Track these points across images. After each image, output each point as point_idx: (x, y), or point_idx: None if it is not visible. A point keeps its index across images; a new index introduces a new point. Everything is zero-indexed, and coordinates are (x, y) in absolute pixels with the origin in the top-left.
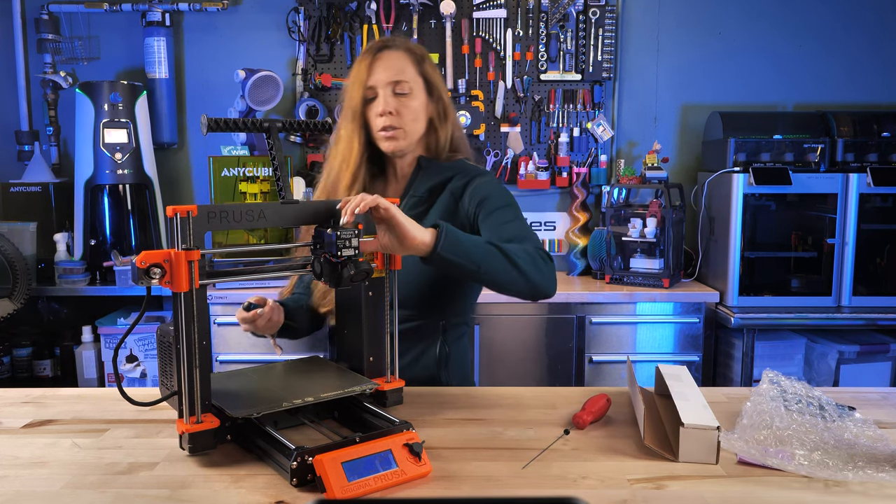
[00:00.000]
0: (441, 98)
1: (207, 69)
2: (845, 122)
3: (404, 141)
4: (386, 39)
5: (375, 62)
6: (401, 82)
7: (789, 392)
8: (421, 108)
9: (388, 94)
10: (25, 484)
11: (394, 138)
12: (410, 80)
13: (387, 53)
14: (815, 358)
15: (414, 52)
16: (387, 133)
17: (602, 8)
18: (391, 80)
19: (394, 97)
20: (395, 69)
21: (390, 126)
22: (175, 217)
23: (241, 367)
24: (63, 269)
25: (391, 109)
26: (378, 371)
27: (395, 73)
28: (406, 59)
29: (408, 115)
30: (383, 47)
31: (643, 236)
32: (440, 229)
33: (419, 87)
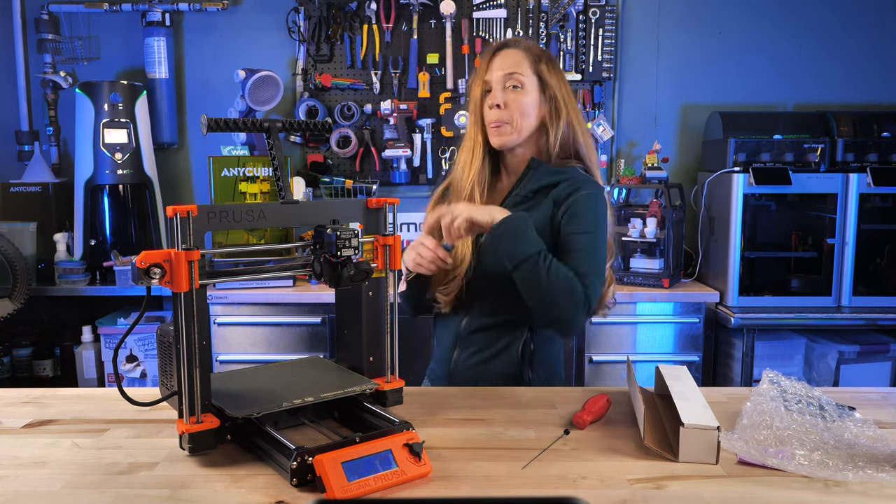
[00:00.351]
0: (555, 98)
1: (207, 69)
2: (845, 122)
3: (512, 136)
4: (508, 39)
5: (494, 58)
6: (513, 75)
7: (789, 392)
8: (532, 105)
9: (499, 88)
10: (25, 484)
11: (502, 132)
12: (524, 76)
13: (505, 51)
14: (815, 358)
15: (532, 50)
16: (495, 127)
17: (602, 8)
18: (505, 73)
19: (504, 91)
20: (509, 64)
21: (499, 120)
22: (175, 217)
23: (241, 367)
24: (63, 269)
25: (500, 102)
26: (378, 371)
27: (509, 67)
28: (522, 56)
29: (516, 110)
30: (503, 45)
31: (643, 236)
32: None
33: (532, 84)
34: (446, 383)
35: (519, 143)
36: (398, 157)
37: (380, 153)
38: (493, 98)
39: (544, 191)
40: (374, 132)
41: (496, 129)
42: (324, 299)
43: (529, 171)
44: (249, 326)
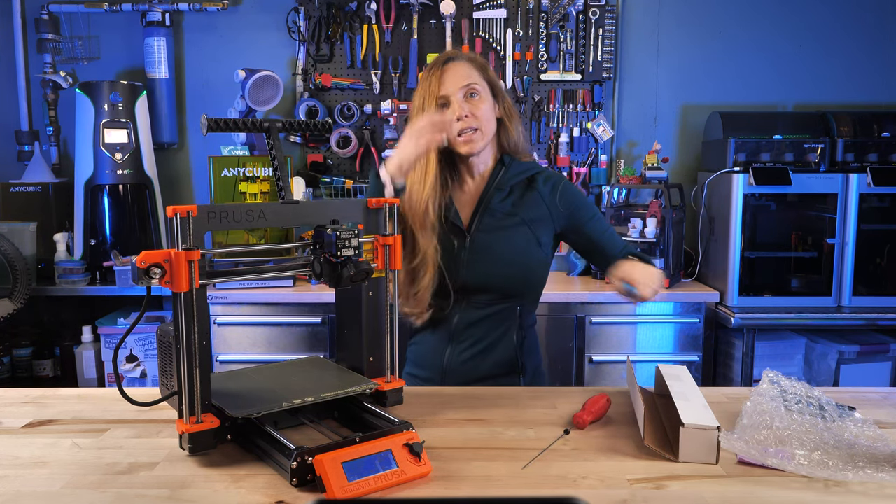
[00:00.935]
0: (506, 99)
1: (207, 69)
2: (845, 122)
3: (481, 141)
4: (448, 53)
5: (444, 73)
6: (471, 85)
7: (789, 392)
8: (490, 110)
9: (460, 100)
10: (25, 484)
11: (471, 140)
12: (478, 84)
13: (453, 65)
14: (815, 358)
15: (476, 60)
16: (464, 137)
17: (602, 8)
18: (463, 86)
19: (466, 101)
20: (464, 76)
21: (468, 128)
22: (175, 217)
23: (241, 367)
24: (63, 269)
25: (466, 113)
26: (378, 371)
27: (464, 79)
28: (471, 67)
29: (482, 116)
30: (448, 60)
31: (643, 236)
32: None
33: (486, 91)
34: (438, 381)
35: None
36: None
37: (380, 153)
38: (456, 110)
39: (522, 184)
40: (374, 132)
41: (465, 138)
42: (324, 299)
43: (503, 168)
44: (249, 326)
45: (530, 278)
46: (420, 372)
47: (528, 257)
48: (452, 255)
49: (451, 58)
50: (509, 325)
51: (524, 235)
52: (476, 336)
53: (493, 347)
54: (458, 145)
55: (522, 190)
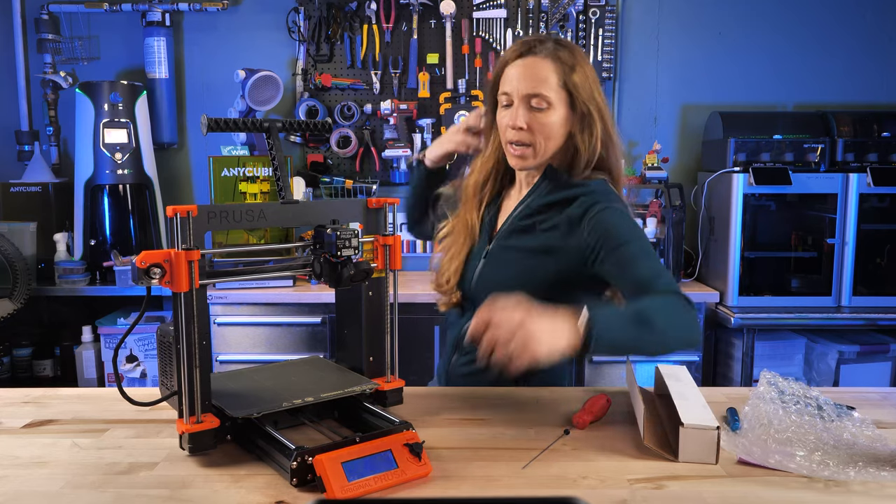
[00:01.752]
0: (587, 112)
1: (207, 69)
2: (845, 122)
3: (533, 160)
4: (533, 40)
5: (516, 66)
6: (538, 96)
7: (787, 393)
8: (559, 124)
9: (522, 107)
10: (25, 484)
11: (522, 156)
12: (551, 94)
13: (531, 60)
14: (815, 358)
15: (562, 58)
16: (515, 149)
17: (602, 8)
18: (527, 93)
19: (528, 111)
20: (535, 79)
21: (520, 142)
22: (175, 217)
23: (241, 367)
24: (63, 269)
25: (522, 124)
26: (378, 371)
27: (534, 84)
28: (550, 67)
29: (541, 132)
30: (528, 51)
31: None
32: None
33: (560, 101)
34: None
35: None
36: (398, 157)
37: (380, 153)
38: (513, 118)
39: (558, 206)
40: (374, 132)
41: (515, 152)
42: (324, 299)
43: (543, 182)
44: (249, 326)
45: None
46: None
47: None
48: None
49: (531, 50)
50: None
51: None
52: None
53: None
54: (508, 155)
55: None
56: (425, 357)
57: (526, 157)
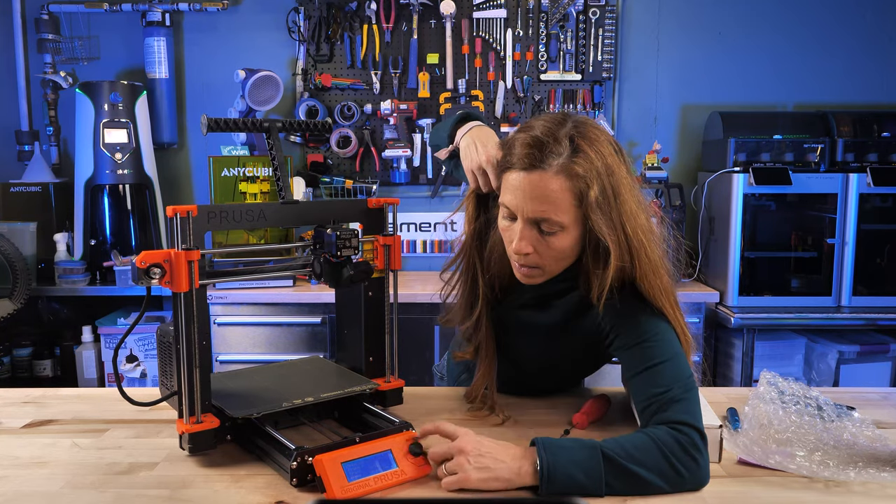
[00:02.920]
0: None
1: (207, 69)
2: (845, 122)
3: (541, 278)
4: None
5: (521, 181)
6: (548, 221)
7: (787, 393)
8: (571, 246)
9: (527, 228)
10: (25, 484)
11: (529, 276)
12: (563, 218)
13: (538, 176)
14: (815, 358)
15: (578, 175)
16: (521, 268)
17: (602, 8)
18: (533, 217)
19: (536, 233)
20: (543, 202)
21: (526, 264)
22: (175, 217)
23: (241, 367)
24: (63, 269)
25: (528, 250)
26: (378, 371)
27: (540, 207)
28: (561, 186)
29: (549, 255)
30: (534, 165)
31: None
32: (540, 474)
33: (573, 222)
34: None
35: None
36: (398, 157)
37: (380, 153)
38: (518, 242)
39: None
40: (374, 132)
41: (522, 271)
42: (324, 299)
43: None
44: (249, 326)
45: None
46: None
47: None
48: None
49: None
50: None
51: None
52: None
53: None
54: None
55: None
56: (425, 357)
57: (534, 276)
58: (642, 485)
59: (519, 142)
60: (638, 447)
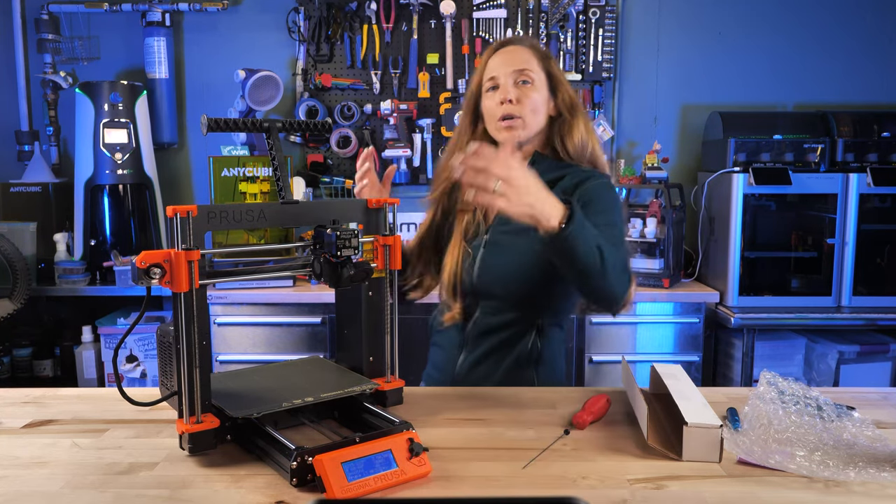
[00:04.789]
0: (568, 95)
1: (207, 69)
2: (845, 122)
3: (522, 131)
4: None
5: (498, 55)
6: (524, 71)
7: (787, 393)
8: (542, 101)
9: (509, 83)
10: (25, 484)
11: (512, 128)
12: (533, 72)
13: (512, 47)
14: (815, 358)
15: (537, 48)
16: (505, 122)
17: (602, 8)
18: (514, 69)
19: (515, 86)
20: (519, 60)
21: (509, 115)
22: (175, 217)
23: (241, 367)
24: (63, 269)
25: (512, 98)
26: (378, 371)
27: (517, 62)
28: (530, 53)
29: (528, 105)
30: (507, 42)
31: (643, 236)
32: (571, 208)
33: (541, 81)
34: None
35: (525, 141)
36: (398, 157)
37: (380, 153)
38: (503, 93)
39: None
40: (374, 132)
41: (505, 125)
42: (324, 299)
43: (533, 166)
44: (249, 326)
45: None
46: (436, 374)
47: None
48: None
49: (511, 41)
50: (523, 337)
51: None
52: (489, 345)
53: (505, 358)
54: (497, 131)
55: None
56: (425, 357)
57: (515, 127)
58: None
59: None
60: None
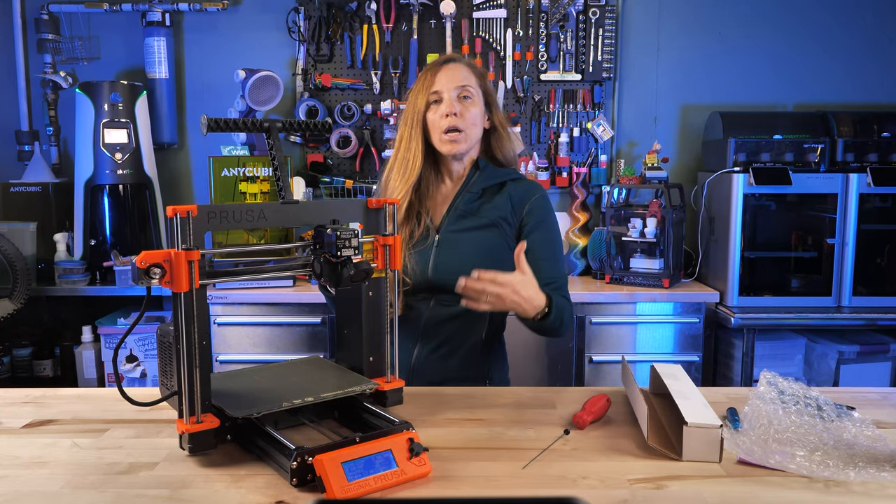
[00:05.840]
0: (498, 112)
1: (207, 69)
2: (845, 122)
3: (465, 144)
4: (450, 54)
5: (441, 71)
6: (465, 87)
7: (787, 393)
8: (479, 116)
9: (452, 98)
10: (25, 484)
11: (455, 141)
12: (472, 88)
13: (452, 65)
14: (815, 358)
15: (475, 67)
16: (450, 135)
17: (602, 8)
18: (457, 86)
19: (458, 101)
20: (459, 76)
21: (454, 127)
22: (175, 217)
23: (241, 367)
24: (63, 269)
25: (455, 111)
26: (378, 371)
27: (459, 79)
28: (469, 71)
29: (469, 119)
30: (449, 60)
31: (643, 236)
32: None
33: (479, 97)
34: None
35: (466, 151)
36: None
37: (380, 153)
38: (447, 107)
39: (494, 188)
40: (374, 132)
41: (450, 137)
42: (324, 299)
43: (477, 172)
44: (249, 326)
45: None
46: None
47: (494, 257)
48: (422, 252)
49: (453, 59)
50: (477, 328)
51: (492, 237)
52: (443, 336)
53: (458, 348)
54: (442, 144)
55: (493, 193)
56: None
57: (458, 141)
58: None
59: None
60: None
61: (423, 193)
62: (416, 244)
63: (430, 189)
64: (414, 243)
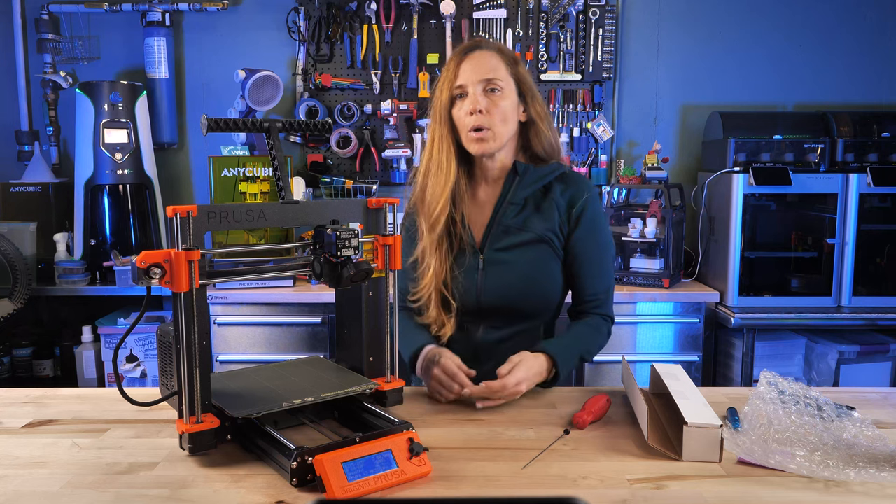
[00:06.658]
0: (536, 100)
1: (207, 69)
2: (845, 122)
3: (494, 142)
4: (477, 40)
5: (465, 61)
6: (492, 80)
7: (787, 393)
8: (511, 109)
9: (478, 92)
10: (25, 484)
11: (482, 140)
12: (502, 80)
13: (478, 53)
14: (815, 358)
15: (505, 52)
16: (476, 134)
17: (602, 8)
18: (482, 78)
19: (484, 95)
20: (486, 67)
21: (479, 126)
22: (175, 217)
23: (241, 367)
24: (63, 269)
25: (481, 108)
26: (378, 371)
27: (485, 71)
28: (497, 58)
29: (497, 115)
30: (474, 47)
31: (643, 236)
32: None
33: (510, 88)
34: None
35: (498, 149)
36: (398, 157)
37: (380, 153)
38: (472, 103)
39: (537, 194)
40: (374, 132)
41: (476, 136)
42: (324, 299)
43: (517, 178)
44: (249, 326)
45: (549, 296)
46: None
47: (544, 275)
48: (467, 274)
49: (478, 46)
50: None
51: (540, 252)
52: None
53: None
54: (469, 143)
55: (538, 200)
56: None
57: (486, 139)
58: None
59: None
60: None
61: (458, 197)
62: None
63: (464, 193)
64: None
